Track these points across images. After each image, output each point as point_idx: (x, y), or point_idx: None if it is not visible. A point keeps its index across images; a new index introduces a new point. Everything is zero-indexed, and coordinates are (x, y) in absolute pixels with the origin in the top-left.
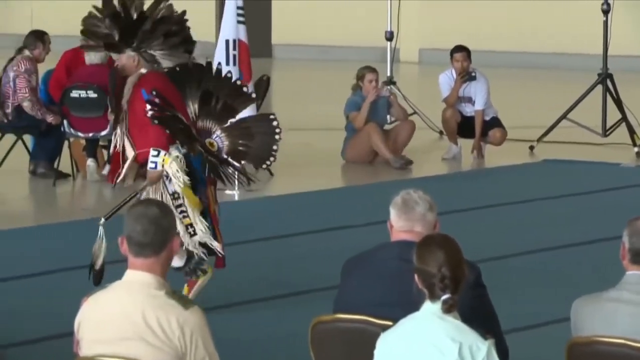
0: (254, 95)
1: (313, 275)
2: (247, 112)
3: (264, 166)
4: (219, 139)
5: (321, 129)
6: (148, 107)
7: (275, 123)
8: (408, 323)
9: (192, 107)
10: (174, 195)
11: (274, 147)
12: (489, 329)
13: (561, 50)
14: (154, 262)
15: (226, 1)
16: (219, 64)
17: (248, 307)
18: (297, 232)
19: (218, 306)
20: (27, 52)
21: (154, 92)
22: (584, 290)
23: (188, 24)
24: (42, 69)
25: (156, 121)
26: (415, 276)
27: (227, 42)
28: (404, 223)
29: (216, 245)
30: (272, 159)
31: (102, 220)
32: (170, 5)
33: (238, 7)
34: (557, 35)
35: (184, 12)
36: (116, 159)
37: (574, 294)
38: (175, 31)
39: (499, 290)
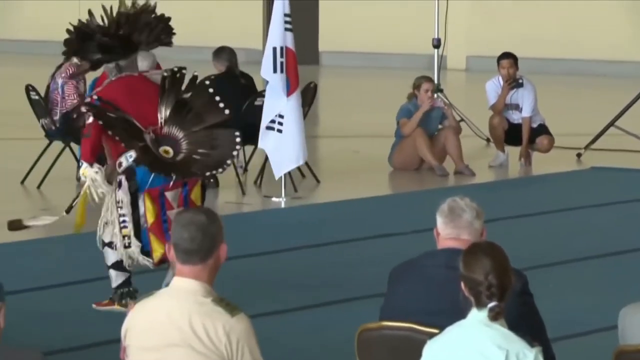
0: (227, 112)
1: (359, 282)
2: (294, 116)
3: (208, 174)
4: (179, 144)
5: (368, 136)
6: (83, 109)
7: (237, 140)
8: (454, 331)
9: (164, 113)
10: (119, 204)
11: (227, 162)
12: (535, 336)
13: (609, 57)
14: (201, 269)
15: (274, 8)
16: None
17: (294, 314)
18: (344, 240)
19: (264, 313)
20: (74, 59)
21: (95, 97)
22: (631, 298)
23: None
24: (89, 77)
25: (92, 121)
26: (462, 284)
27: (274, 49)
28: (450, 230)
29: (145, 262)
30: (220, 170)
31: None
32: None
33: (285, 15)
34: (605, 42)
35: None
36: None
37: (621, 302)
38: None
39: (546, 298)
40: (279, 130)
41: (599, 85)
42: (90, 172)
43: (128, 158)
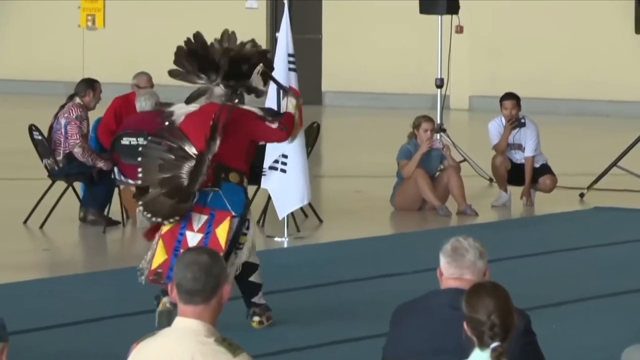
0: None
1: (362, 322)
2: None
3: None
4: None
5: (371, 176)
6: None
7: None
8: None
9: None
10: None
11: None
12: None
13: (612, 97)
14: (204, 309)
15: (277, 48)
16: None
17: (297, 353)
18: (346, 280)
19: (267, 353)
20: (77, 99)
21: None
22: (634, 338)
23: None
24: (92, 117)
25: None
26: (465, 324)
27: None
28: (453, 270)
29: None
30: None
31: None
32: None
33: (289, 55)
34: (608, 82)
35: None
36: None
37: (624, 343)
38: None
39: (549, 338)
40: (283, 170)
41: (602, 125)
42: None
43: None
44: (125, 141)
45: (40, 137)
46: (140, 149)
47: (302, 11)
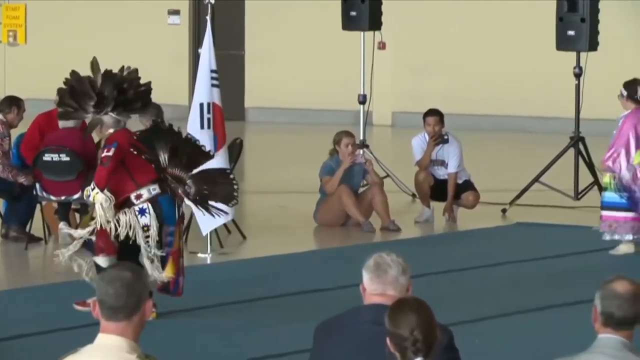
0: (212, 153)
1: (285, 338)
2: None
3: (232, 204)
4: (186, 184)
5: (294, 192)
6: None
7: (231, 175)
8: None
9: (163, 156)
10: (144, 228)
11: (235, 194)
12: None
13: (534, 113)
14: (126, 325)
15: (200, 64)
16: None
17: None
18: (269, 296)
19: None
20: (0, 116)
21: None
22: (557, 353)
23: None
24: (15, 133)
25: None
26: (387, 339)
27: (201, 105)
28: (376, 286)
29: (161, 278)
30: (235, 201)
31: None
32: (134, 71)
33: (212, 71)
34: (529, 98)
35: (148, 83)
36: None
37: (547, 357)
38: (134, 96)
39: (472, 354)
40: None
41: (524, 141)
42: (100, 197)
43: (151, 190)
44: (47, 157)
45: None
46: (61, 165)
47: (225, 27)
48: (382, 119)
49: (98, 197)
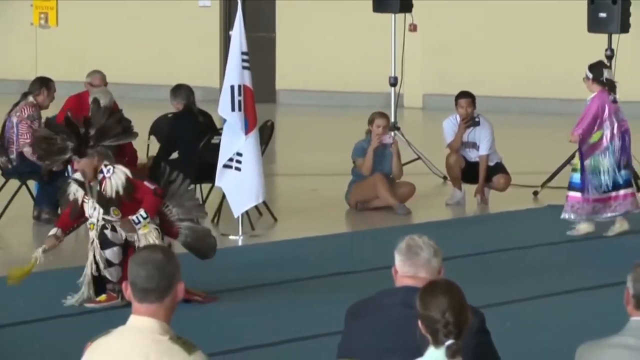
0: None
1: (317, 320)
2: (253, 155)
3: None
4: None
5: (325, 175)
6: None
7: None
8: None
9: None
10: None
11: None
12: None
13: (565, 96)
14: (158, 307)
15: (231, 47)
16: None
17: (252, 352)
18: (300, 278)
19: (221, 351)
20: (30, 98)
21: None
22: (588, 336)
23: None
24: (45, 115)
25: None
26: (419, 322)
27: (232, 87)
28: (408, 268)
29: None
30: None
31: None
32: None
33: (243, 53)
34: (560, 80)
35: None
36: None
37: (578, 340)
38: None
39: (503, 336)
40: (238, 169)
41: (556, 123)
42: (152, 227)
43: (155, 220)
44: None
45: None
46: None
47: (255, 9)
48: (413, 102)
49: (150, 228)
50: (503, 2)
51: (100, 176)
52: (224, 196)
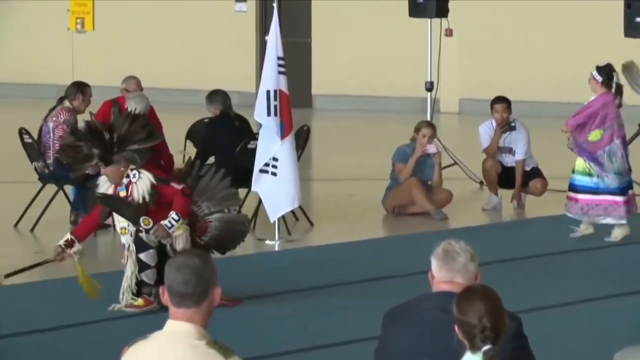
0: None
1: (353, 325)
2: (289, 160)
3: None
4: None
5: (361, 179)
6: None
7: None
8: None
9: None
10: None
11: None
12: None
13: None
14: (195, 312)
15: (267, 52)
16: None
17: (288, 357)
18: (337, 283)
19: (258, 356)
20: (67, 103)
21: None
22: (626, 342)
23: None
24: (81, 119)
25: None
26: (456, 327)
27: (268, 92)
28: (445, 274)
29: None
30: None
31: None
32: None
33: (279, 58)
34: None
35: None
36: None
37: (615, 346)
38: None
39: (540, 341)
40: (274, 174)
41: None
42: (185, 229)
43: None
44: None
45: (30, 140)
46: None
47: (291, 14)
48: (449, 106)
49: (184, 229)
50: (539, 7)
51: (126, 181)
52: (260, 201)
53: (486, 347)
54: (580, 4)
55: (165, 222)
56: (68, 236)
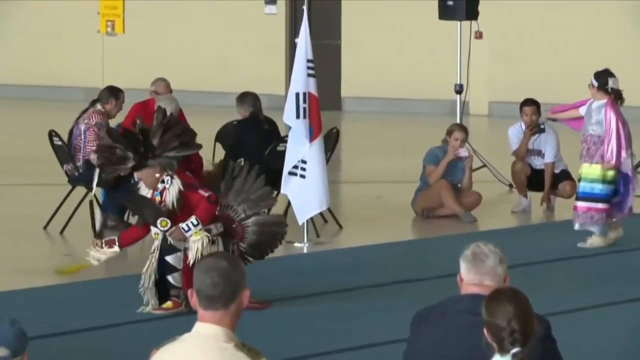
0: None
1: (382, 327)
2: (318, 162)
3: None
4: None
5: (390, 182)
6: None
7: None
8: None
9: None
10: None
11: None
12: None
13: (633, 103)
14: (223, 314)
15: (296, 54)
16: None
17: None
18: (366, 285)
19: (285, 359)
20: (99, 106)
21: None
22: None
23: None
24: (113, 122)
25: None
26: (485, 330)
27: (297, 95)
28: (474, 276)
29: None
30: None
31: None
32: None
33: (308, 60)
34: (627, 87)
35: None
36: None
37: None
38: (179, 133)
39: (569, 344)
40: (302, 176)
41: None
42: (204, 235)
43: (219, 227)
44: None
45: (60, 143)
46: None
47: (321, 17)
48: (478, 109)
49: (202, 235)
50: (569, 9)
51: (161, 186)
52: (289, 203)
53: (515, 350)
54: (611, 6)
55: (182, 225)
56: (113, 237)
